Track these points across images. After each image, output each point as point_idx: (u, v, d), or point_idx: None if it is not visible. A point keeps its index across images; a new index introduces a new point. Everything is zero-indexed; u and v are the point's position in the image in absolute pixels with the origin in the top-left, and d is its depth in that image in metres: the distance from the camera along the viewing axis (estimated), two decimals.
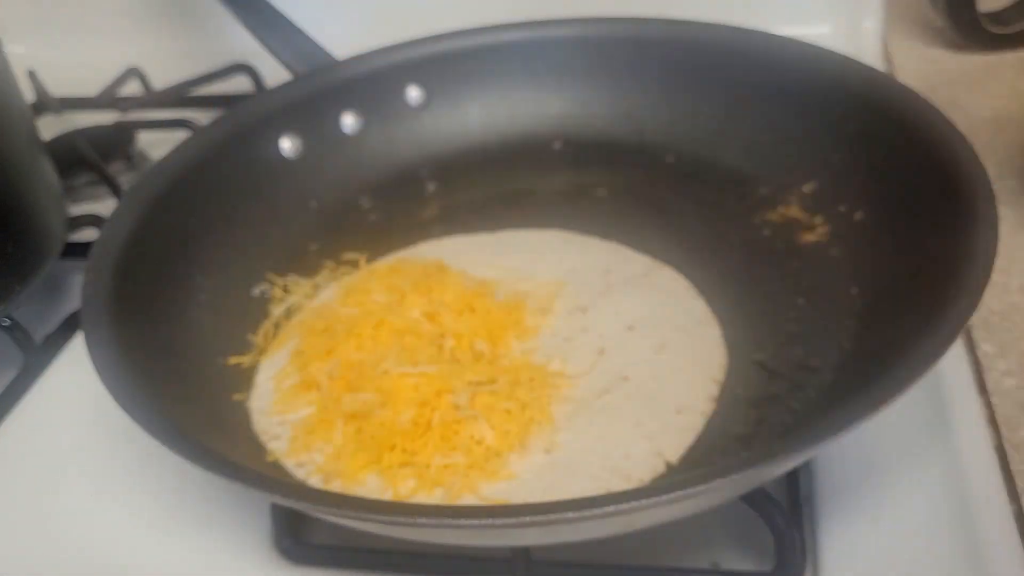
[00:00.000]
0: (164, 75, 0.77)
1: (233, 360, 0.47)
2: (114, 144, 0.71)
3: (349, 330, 0.46)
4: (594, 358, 0.45)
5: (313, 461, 0.41)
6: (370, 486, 0.40)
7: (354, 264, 0.54)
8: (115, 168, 0.69)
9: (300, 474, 0.41)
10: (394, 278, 0.49)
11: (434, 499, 0.39)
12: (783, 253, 0.50)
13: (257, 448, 0.43)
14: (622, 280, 0.50)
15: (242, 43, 0.67)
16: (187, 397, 0.42)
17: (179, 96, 0.75)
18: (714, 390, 0.43)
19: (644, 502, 0.30)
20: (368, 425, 0.41)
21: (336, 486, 0.40)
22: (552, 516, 0.30)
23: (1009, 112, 0.64)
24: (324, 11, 0.75)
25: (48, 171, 0.57)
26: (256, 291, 0.52)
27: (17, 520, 0.45)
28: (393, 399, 0.42)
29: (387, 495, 0.39)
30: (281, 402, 0.45)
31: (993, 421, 0.42)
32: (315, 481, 0.41)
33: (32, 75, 0.77)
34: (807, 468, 0.41)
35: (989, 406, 0.43)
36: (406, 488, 0.39)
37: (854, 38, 0.74)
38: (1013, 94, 0.66)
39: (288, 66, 0.61)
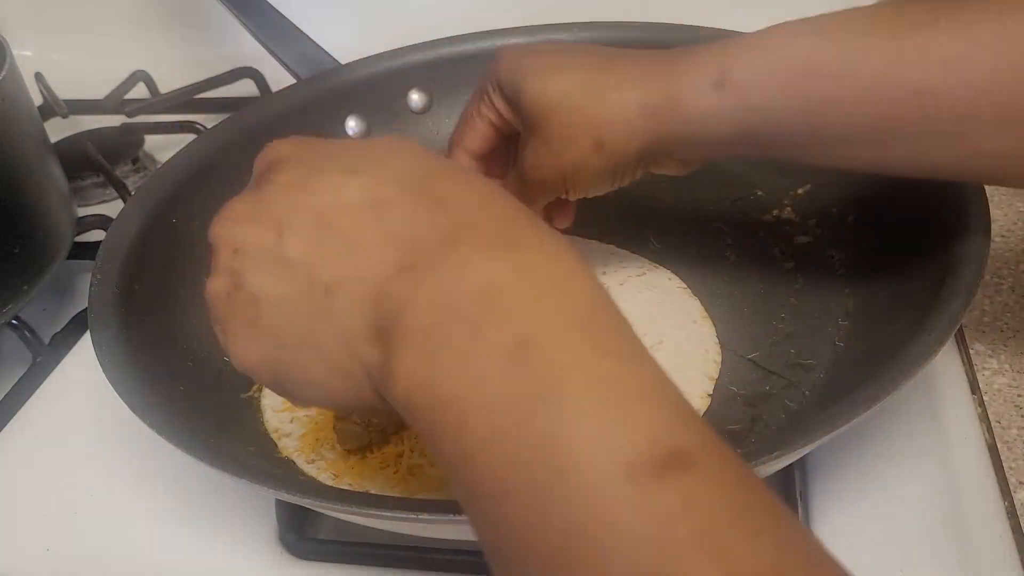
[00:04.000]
0: (170, 79, 0.78)
1: None
2: (121, 146, 0.72)
3: None
4: None
5: (324, 458, 0.42)
6: (381, 482, 0.41)
7: None
8: (122, 170, 0.70)
9: (312, 471, 0.42)
10: None
11: (444, 494, 0.39)
12: (777, 254, 0.51)
13: (268, 445, 0.44)
14: (619, 281, 0.51)
15: (247, 47, 0.67)
16: (193, 395, 0.43)
17: (185, 99, 0.75)
18: (709, 387, 0.43)
19: None
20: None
21: (346, 483, 0.41)
22: None
23: None
24: (328, 16, 0.76)
25: (56, 173, 0.58)
26: None
27: (25, 517, 0.45)
28: None
29: (397, 491, 0.40)
30: None
31: (985, 419, 0.43)
32: (326, 478, 0.41)
33: (40, 78, 0.78)
34: (801, 465, 0.42)
35: (981, 404, 0.44)
36: (416, 484, 0.40)
37: None
38: None
39: (293, 70, 0.62)
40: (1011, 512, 0.39)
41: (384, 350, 0.26)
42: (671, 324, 0.47)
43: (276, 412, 0.45)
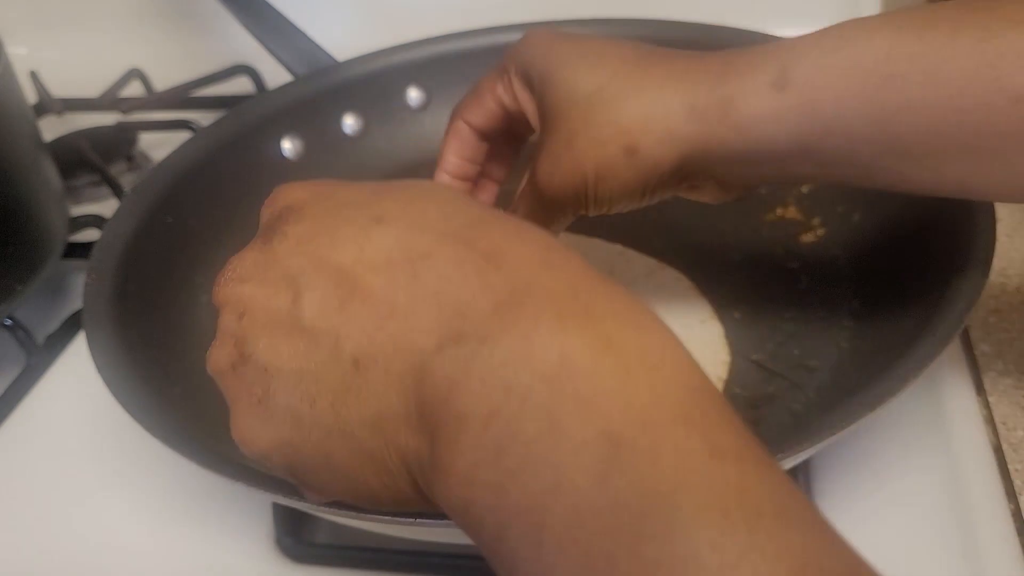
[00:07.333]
0: (166, 76, 0.77)
1: None
2: (116, 145, 0.71)
3: None
4: None
5: None
6: None
7: None
8: (117, 169, 0.69)
9: None
10: None
11: None
12: (781, 254, 0.50)
13: None
14: (626, 281, 0.50)
15: (243, 44, 0.67)
16: (190, 397, 0.42)
17: (181, 97, 0.75)
18: (719, 388, 0.43)
19: None
20: None
21: None
22: None
23: None
24: (325, 13, 0.76)
25: (50, 172, 0.57)
26: None
27: (19, 519, 0.45)
28: None
29: None
30: None
31: (991, 421, 0.42)
32: None
33: (34, 76, 0.77)
34: (804, 468, 0.41)
35: (987, 406, 0.43)
36: None
37: None
38: None
39: (289, 67, 0.61)
40: (1016, 514, 0.38)
41: (429, 440, 0.22)
42: (679, 324, 0.46)
43: None
